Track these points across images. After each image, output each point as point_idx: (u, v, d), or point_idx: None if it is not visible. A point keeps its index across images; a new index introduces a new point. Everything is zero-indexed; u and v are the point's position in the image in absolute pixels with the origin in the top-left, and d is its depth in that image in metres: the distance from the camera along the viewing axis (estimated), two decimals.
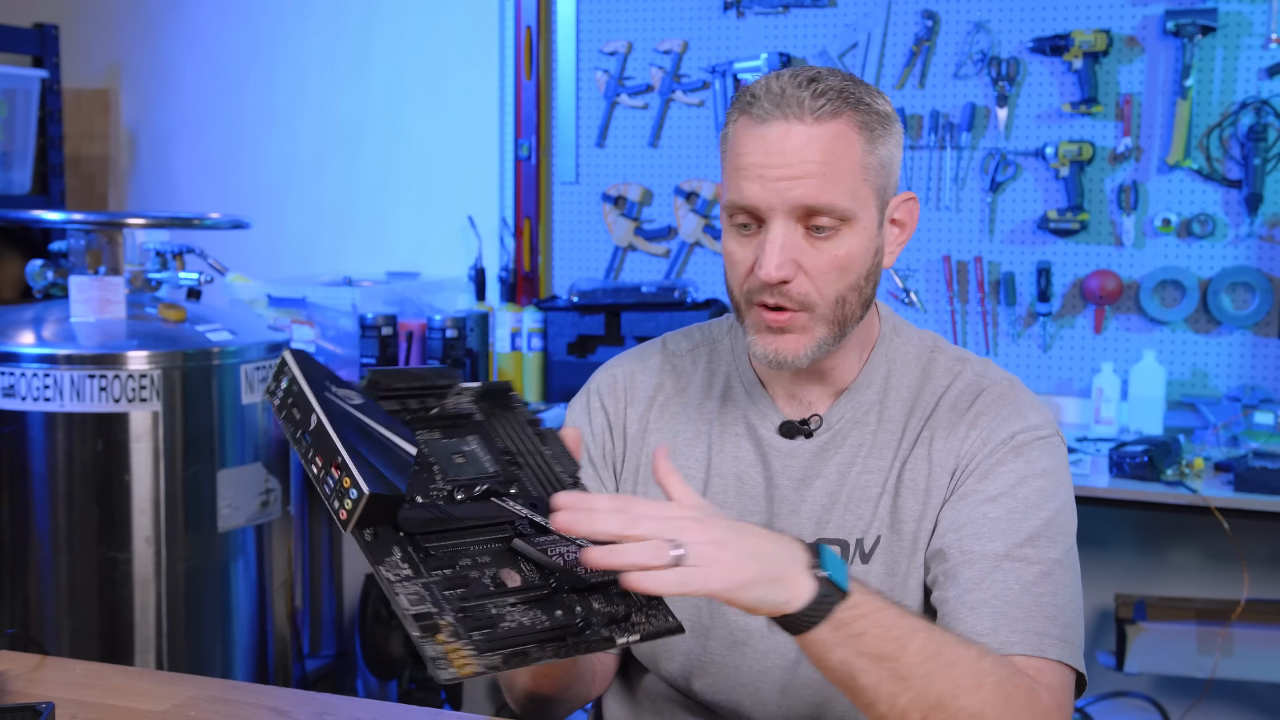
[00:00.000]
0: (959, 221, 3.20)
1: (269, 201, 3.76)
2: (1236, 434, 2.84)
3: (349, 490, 1.02)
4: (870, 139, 1.28)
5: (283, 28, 3.76)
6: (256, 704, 1.47)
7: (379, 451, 1.05)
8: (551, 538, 1.11)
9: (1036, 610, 1.23)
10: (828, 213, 1.26)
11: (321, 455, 1.04)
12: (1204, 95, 2.99)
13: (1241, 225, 2.99)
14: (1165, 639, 2.83)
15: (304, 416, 1.06)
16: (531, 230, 3.52)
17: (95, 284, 2.54)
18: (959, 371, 1.39)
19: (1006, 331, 3.17)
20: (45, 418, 2.43)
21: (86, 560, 2.46)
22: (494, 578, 1.06)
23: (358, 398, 1.10)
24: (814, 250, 1.27)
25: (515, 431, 1.19)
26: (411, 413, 1.15)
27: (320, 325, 3.26)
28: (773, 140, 1.25)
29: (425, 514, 1.07)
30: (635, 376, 1.48)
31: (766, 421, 1.40)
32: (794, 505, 1.37)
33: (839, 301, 1.30)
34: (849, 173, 1.26)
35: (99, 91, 3.91)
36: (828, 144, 1.25)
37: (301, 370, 1.08)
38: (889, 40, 3.22)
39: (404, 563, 1.04)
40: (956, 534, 1.30)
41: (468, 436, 1.16)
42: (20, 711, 1.34)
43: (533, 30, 3.48)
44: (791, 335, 1.30)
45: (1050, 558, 1.27)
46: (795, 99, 1.25)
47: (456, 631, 1.01)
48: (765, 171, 1.26)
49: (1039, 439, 1.34)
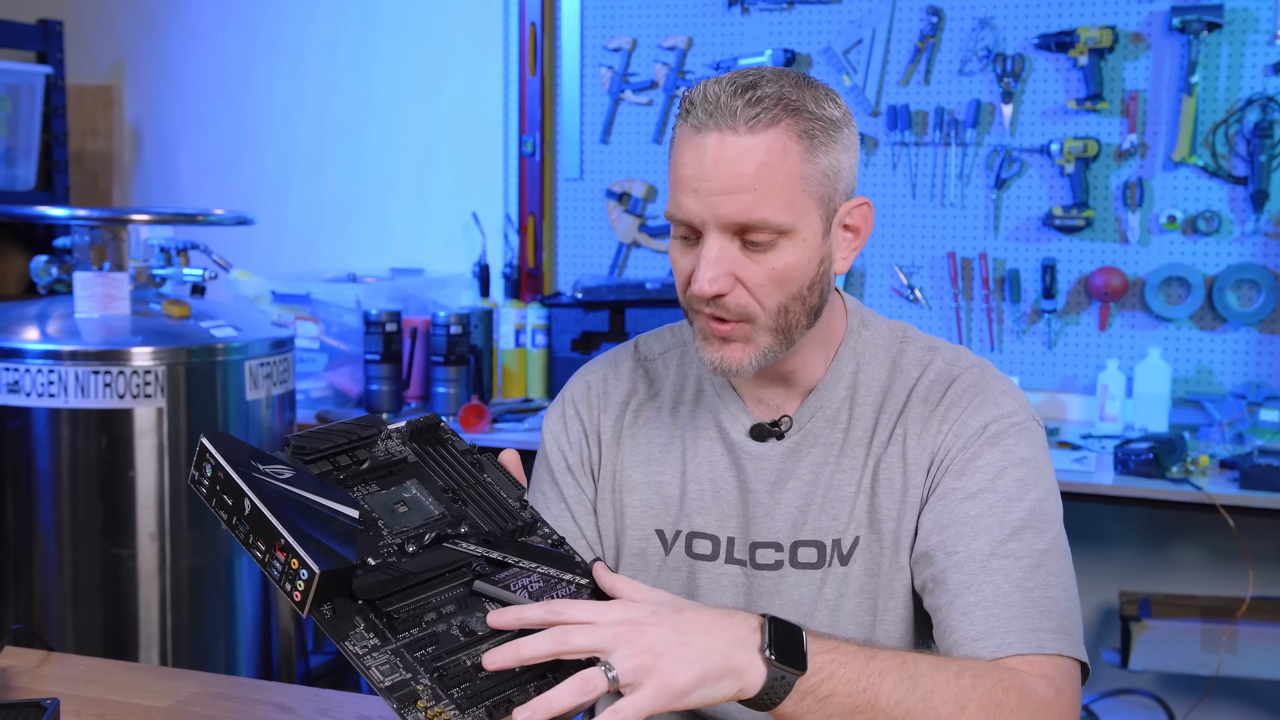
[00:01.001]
0: (964, 218, 3.19)
1: (272, 197, 3.76)
2: (1242, 431, 2.84)
3: (299, 571, 0.99)
4: (810, 147, 1.23)
5: (286, 24, 3.76)
6: (260, 700, 1.47)
7: (320, 523, 1.02)
8: (511, 571, 1.09)
9: (1029, 606, 1.21)
10: (761, 228, 1.23)
11: (263, 540, 1.02)
12: (1210, 91, 2.98)
13: (1247, 222, 2.98)
14: (1170, 636, 2.83)
15: (236, 502, 1.03)
16: (535, 226, 3.52)
17: (100, 280, 2.54)
18: (929, 361, 1.37)
19: (1011, 328, 3.17)
20: (50, 414, 2.43)
21: (91, 556, 2.46)
22: (462, 626, 1.04)
23: (287, 470, 1.07)
24: (751, 263, 1.24)
25: (453, 465, 1.17)
26: (344, 470, 1.12)
27: (324, 321, 3.26)
28: (706, 152, 1.22)
29: (380, 576, 1.04)
30: (608, 382, 1.46)
31: (738, 425, 1.38)
32: (769, 509, 1.36)
33: (781, 311, 1.27)
34: (785, 185, 1.22)
35: (103, 88, 3.91)
36: (761, 156, 1.21)
37: (224, 454, 1.05)
38: (894, 36, 3.21)
39: (369, 632, 1.02)
40: (940, 536, 1.28)
41: (406, 482, 1.14)
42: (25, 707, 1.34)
43: (537, 26, 3.47)
44: (735, 345, 1.28)
45: (1038, 549, 1.25)
46: (729, 108, 1.21)
47: (435, 694, 0.99)
48: (699, 185, 1.23)
49: (1013, 426, 1.32)
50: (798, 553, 1.35)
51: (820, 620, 1.33)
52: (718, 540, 1.37)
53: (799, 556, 1.35)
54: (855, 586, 1.33)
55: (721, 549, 1.37)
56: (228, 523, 1.05)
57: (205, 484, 1.06)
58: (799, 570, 1.35)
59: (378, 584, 1.03)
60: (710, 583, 1.37)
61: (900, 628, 1.34)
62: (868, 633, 1.33)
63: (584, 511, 1.43)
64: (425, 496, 1.13)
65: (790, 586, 1.35)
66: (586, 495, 1.44)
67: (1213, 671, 2.81)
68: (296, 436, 1.12)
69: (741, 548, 1.37)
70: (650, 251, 3.46)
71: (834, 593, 1.34)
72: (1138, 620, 2.85)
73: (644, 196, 3.44)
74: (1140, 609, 2.88)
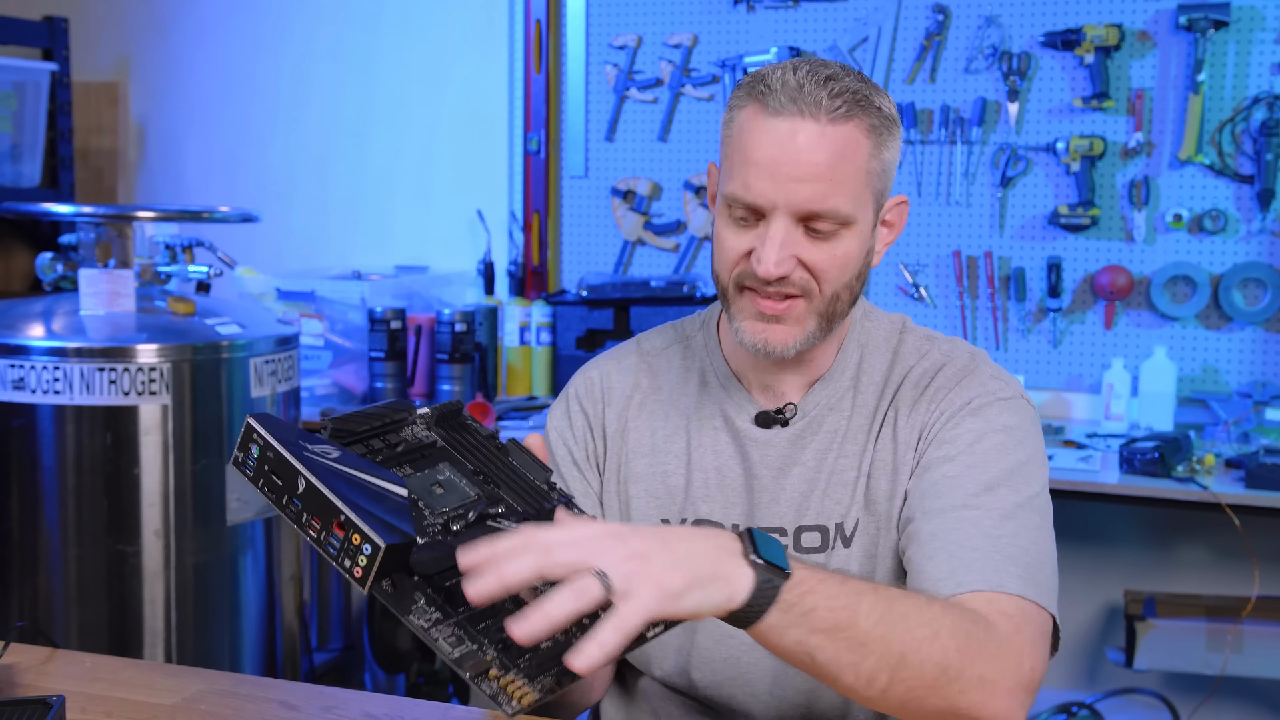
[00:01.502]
0: (969, 217, 3.19)
1: (277, 195, 3.76)
2: (1247, 430, 2.83)
3: (361, 547, 0.99)
4: (877, 144, 1.27)
5: (291, 22, 3.76)
6: (266, 698, 1.47)
7: (375, 500, 1.03)
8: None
9: (993, 551, 1.21)
10: (830, 217, 1.26)
11: (319, 517, 1.02)
12: (1216, 90, 2.98)
13: (1253, 221, 2.97)
14: (1175, 636, 2.83)
15: (289, 481, 1.03)
16: (540, 224, 3.52)
17: (105, 277, 2.54)
18: (925, 350, 1.39)
19: (1016, 327, 3.16)
20: (54, 411, 2.43)
21: (95, 553, 2.47)
22: (515, 599, 1.05)
23: (334, 450, 1.07)
24: (813, 248, 1.27)
25: (480, 450, 1.18)
26: (379, 453, 1.13)
27: (329, 319, 3.26)
28: (785, 136, 1.24)
29: (434, 553, 1.04)
30: (611, 377, 1.48)
31: (742, 413, 1.40)
32: (773, 494, 1.37)
33: (833, 298, 1.30)
34: (854, 177, 1.26)
35: (108, 85, 3.91)
36: (839, 147, 1.24)
37: (273, 434, 1.05)
38: (900, 34, 3.21)
39: (430, 606, 1.03)
40: (920, 500, 1.29)
41: (438, 465, 1.15)
42: (31, 704, 1.34)
43: (542, 24, 3.47)
44: (782, 326, 1.30)
45: (1011, 503, 1.25)
46: (813, 97, 1.24)
47: (503, 664, 1.01)
48: (776, 169, 1.24)
49: (997, 400, 1.33)
50: (801, 537, 1.37)
51: None
52: (721, 528, 1.38)
53: (802, 541, 1.37)
54: (856, 569, 1.35)
55: None
56: (277, 503, 1.05)
57: (252, 464, 1.06)
58: (802, 554, 1.36)
59: (432, 560, 1.04)
60: None
61: None
62: None
63: (590, 505, 1.44)
64: (459, 479, 1.14)
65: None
66: (593, 489, 1.46)
67: (1218, 671, 2.80)
68: (334, 419, 1.13)
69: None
70: (655, 249, 3.46)
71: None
72: (1142, 619, 2.84)
73: (649, 194, 3.44)
74: (1145, 608, 2.88)
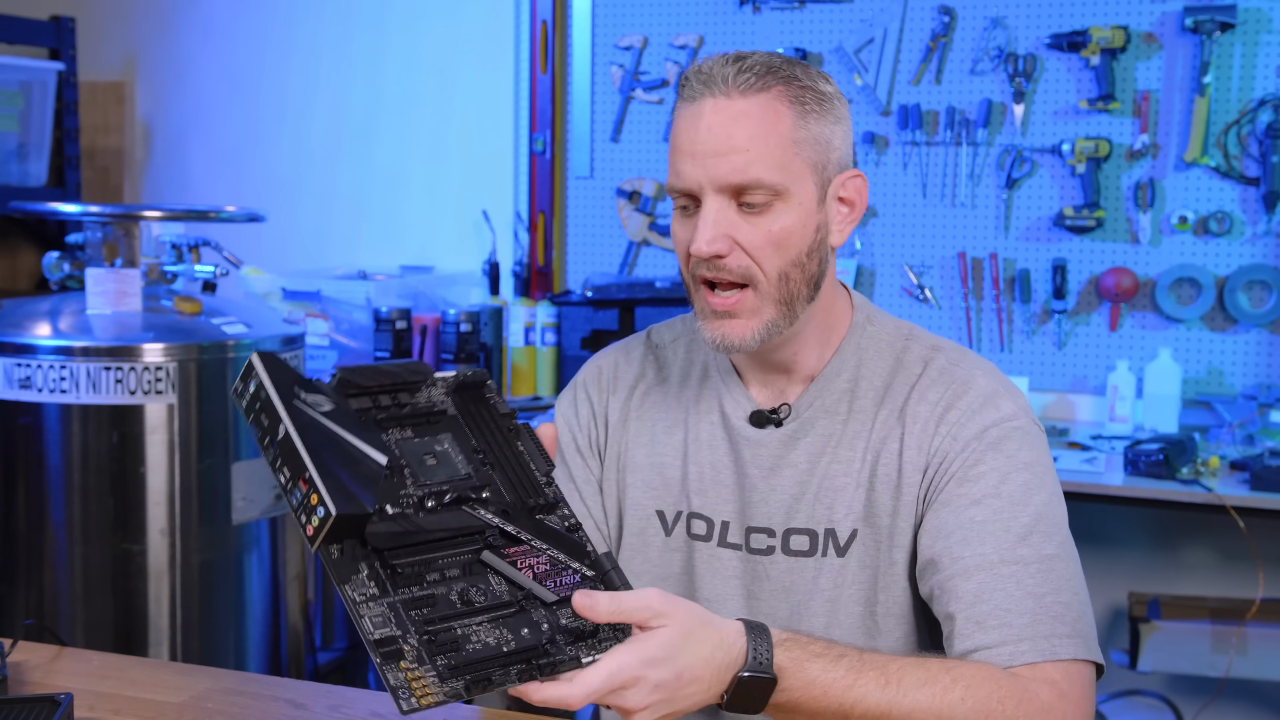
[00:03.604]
0: (974, 218, 3.19)
1: (282, 195, 3.77)
2: (1252, 432, 2.83)
3: (316, 508, 1.00)
4: (802, 113, 1.28)
5: (297, 21, 3.76)
6: (273, 696, 1.48)
7: (348, 464, 1.03)
8: (522, 548, 1.10)
9: (1041, 612, 1.22)
10: (756, 187, 1.26)
11: (289, 467, 1.02)
12: (1222, 92, 2.98)
13: (1259, 223, 2.97)
14: (1179, 638, 2.83)
15: (271, 424, 1.04)
16: (546, 225, 3.52)
17: (111, 276, 2.55)
18: (931, 359, 1.37)
19: (1021, 329, 3.16)
20: (61, 409, 2.44)
21: (101, 552, 2.47)
22: (461, 594, 1.05)
23: (327, 403, 1.07)
24: (748, 225, 1.28)
25: (490, 427, 1.17)
26: (383, 410, 1.13)
27: (334, 319, 3.27)
28: (701, 117, 1.27)
29: (393, 527, 1.04)
30: (619, 367, 1.50)
31: (739, 410, 1.40)
32: (763, 494, 1.38)
33: (782, 278, 1.29)
34: (778, 146, 1.26)
35: (114, 84, 3.92)
36: (755, 117, 1.26)
37: (270, 375, 1.05)
38: (905, 36, 3.21)
39: (370, 580, 1.02)
40: (946, 542, 1.28)
41: (440, 435, 1.14)
42: (39, 702, 1.34)
43: (548, 24, 3.47)
44: (738, 320, 1.30)
45: (1046, 553, 1.25)
46: (721, 75, 1.27)
47: (420, 656, 1.00)
48: (694, 149, 1.27)
49: (1015, 430, 1.32)
50: (790, 539, 1.37)
51: (816, 610, 1.35)
52: (712, 523, 1.40)
53: (791, 544, 1.37)
54: (851, 578, 1.35)
55: (716, 531, 1.40)
56: (260, 441, 1.05)
57: (246, 399, 1.07)
58: (790, 557, 1.36)
59: (389, 534, 1.04)
60: (705, 564, 1.40)
61: (894, 621, 1.35)
62: (866, 624, 1.35)
63: (591, 492, 1.46)
64: (456, 453, 1.13)
65: (781, 572, 1.37)
66: (594, 476, 1.47)
67: (1222, 673, 2.80)
68: (344, 369, 1.12)
69: (737, 532, 1.39)
70: (660, 250, 3.46)
71: (830, 584, 1.35)
72: (1147, 621, 2.84)
73: (654, 195, 3.44)
74: (1149, 610, 2.88)
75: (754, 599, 1.38)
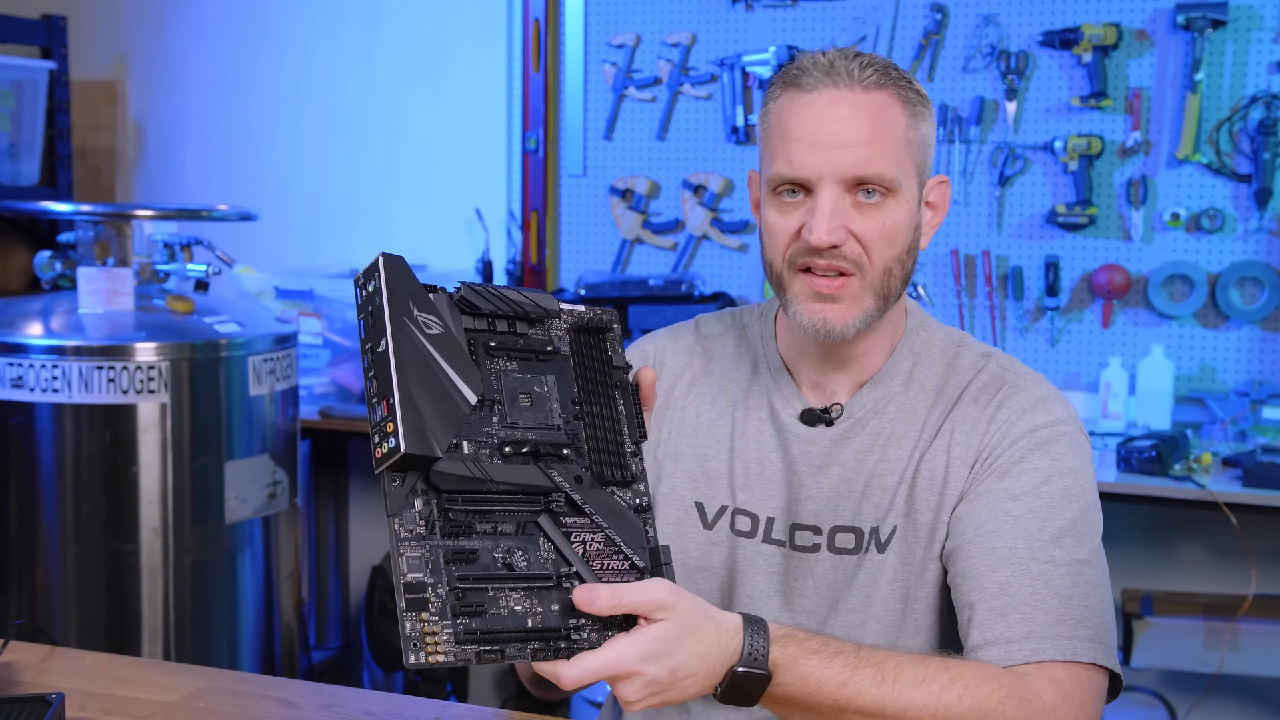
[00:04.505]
0: (967, 215, 3.19)
1: (275, 193, 3.76)
2: (1245, 429, 2.84)
3: (390, 435, 0.99)
4: (913, 115, 1.31)
5: (289, 19, 3.76)
6: (265, 695, 1.48)
7: (435, 397, 1.02)
8: (582, 519, 1.08)
9: (1066, 613, 1.22)
10: (876, 182, 1.28)
11: (379, 383, 1.02)
12: (1214, 89, 2.98)
13: (1251, 220, 2.98)
14: (1172, 634, 2.83)
15: (376, 333, 1.03)
16: (539, 223, 3.52)
17: (103, 275, 2.54)
18: (982, 366, 1.39)
19: (1014, 326, 3.17)
20: (53, 409, 2.44)
21: (94, 551, 2.47)
22: (506, 554, 1.03)
23: (437, 324, 1.05)
24: (862, 218, 1.29)
25: (598, 377, 1.13)
26: (496, 336, 1.09)
27: (328, 317, 3.26)
28: (823, 108, 1.28)
29: (461, 470, 1.02)
30: (666, 353, 1.50)
31: (789, 407, 1.41)
32: (810, 492, 1.38)
33: (885, 272, 1.31)
34: (894, 144, 1.29)
35: (106, 83, 3.91)
36: (876, 113, 1.28)
37: (389, 282, 1.03)
38: (898, 33, 3.21)
39: (420, 519, 1.01)
40: (977, 531, 1.28)
41: (545, 374, 1.11)
42: (31, 701, 1.34)
43: (540, 23, 3.47)
44: (839, 305, 1.31)
45: (1077, 558, 1.26)
46: (844, 69, 1.28)
47: (444, 610, 0.99)
48: (817, 139, 1.28)
49: (1063, 434, 1.33)
50: (835, 538, 1.37)
51: (852, 604, 1.36)
52: (757, 519, 1.40)
53: (836, 542, 1.37)
54: (890, 575, 1.35)
55: (760, 528, 1.40)
56: (361, 343, 1.05)
57: (363, 294, 1.05)
58: (835, 555, 1.37)
59: (454, 477, 1.02)
60: (747, 559, 1.41)
61: (930, 617, 1.35)
62: (898, 619, 1.36)
63: None
64: (553, 399, 1.10)
65: (825, 570, 1.38)
66: None
67: (1214, 669, 2.81)
68: (469, 286, 1.09)
69: (782, 528, 1.39)
70: (653, 248, 3.46)
71: (868, 579, 1.36)
72: (1140, 618, 2.85)
73: (647, 193, 3.44)
74: (1142, 606, 2.89)
75: (795, 595, 1.39)
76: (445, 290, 1.08)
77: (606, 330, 1.16)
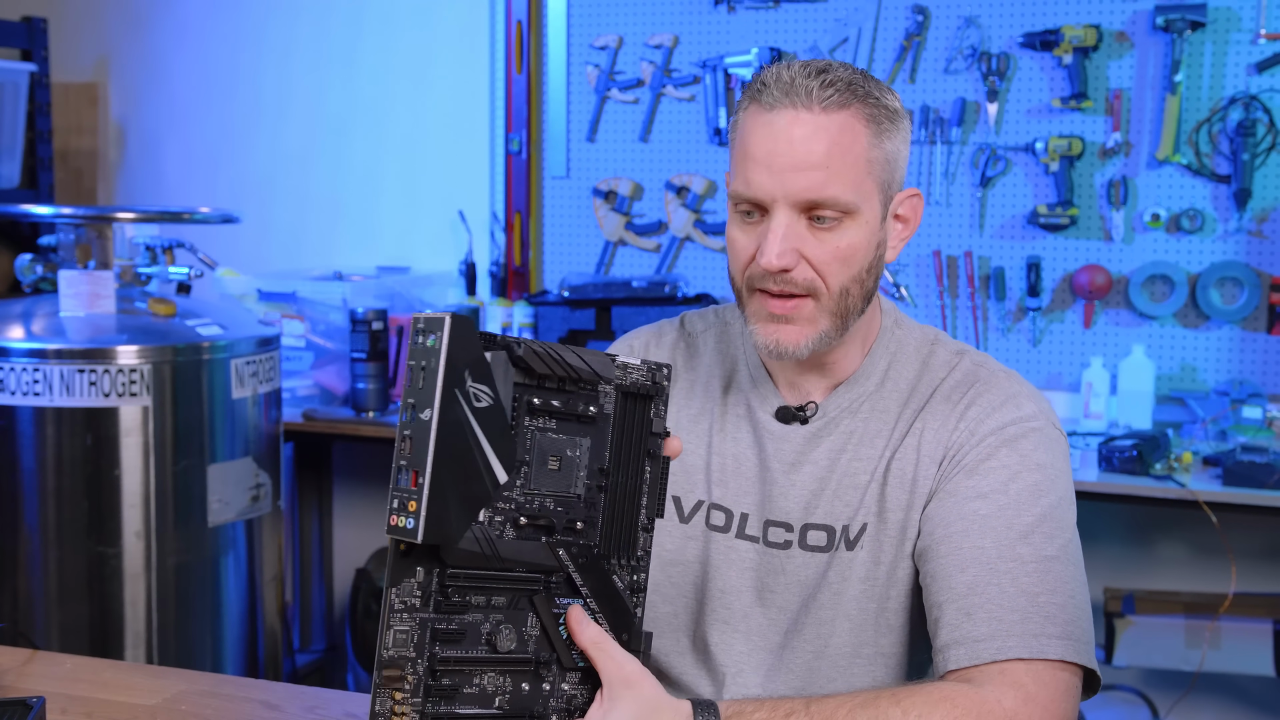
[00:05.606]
0: (949, 216, 3.20)
1: (258, 196, 3.75)
2: (1225, 428, 2.85)
3: (410, 515, 1.00)
4: (876, 132, 1.29)
5: (271, 21, 3.75)
6: (248, 698, 1.47)
7: (465, 478, 1.02)
8: (578, 601, 1.10)
9: (1034, 611, 1.22)
10: (830, 206, 1.27)
11: (413, 449, 1.01)
12: (1193, 90, 3.00)
13: (1230, 220, 3.00)
14: (1153, 632, 2.85)
15: (425, 397, 1.01)
16: (522, 225, 3.52)
17: (85, 278, 2.53)
18: (956, 363, 1.40)
19: (996, 326, 3.18)
20: (35, 412, 2.43)
21: (76, 555, 2.46)
22: (491, 633, 1.06)
23: (487, 397, 1.04)
24: (816, 240, 1.28)
25: (632, 445, 1.14)
26: (543, 393, 1.09)
27: (310, 320, 3.26)
28: (780, 129, 1.26)
29: (471, 546, 1.04)
30: (650, 349, 1.51)
31: (766, 405, 1.41)
32: (784, 489, 1.39)
33: (842, 293, 1.30)
34: (853, 166, 1.27)
35: (88, 85, 3.90)
36: (834, 135, 1.26)
37: (451, 348, 1.01)
38: (879, 35, 3.22)
39: (418, 589, 1.03)
40: (945, 531, 1.28)
41: (580, 439, 1.11)
42: (11, 706, 1.34)
43: (523, 24, 3.47)
44: (793, 326, 1.31)
45: (1046, 554, 1.25)
46: (804, 88, 1.26)
47: (416, 689, 1.01)
48: (771, 161, 1.26)
49: (1032, 430, 1.33)
50: (807, 535, 1.38)
51: (823, 601, 1.36)
52: (731, 515, 1.41)
53: (808, 539, 1.38)
54: (860, 573, 1.36)
55: (734, 524, 1.41)
56: (405, 397, 1.03)
57: (420, 343, 1.03)
58: (806, 552, 1.38)
59: (464, 553, 1.03)
60: (720, 555, 1.41)
61: (902, 616, 1.36)
62: (870, 617, 1.36)
63: None
64: (581, 465, 1.11)
65: (796, 567, 1.38)
66: None
67: (1195, 667, 2.82)
68: (530, 343, 1.07)
69: (756, 524, 1.40)
70: (636, 249, 3.47)
71: (838, 577, 1.36)
72: (1121, 616, 2.86)
73: (630, 195, 3.45)
74: (1124, 605, 2.90)
75: (768, 591, 1.39)
76: (508, 341, 1.06)
77: (654, 398, 1.15)
